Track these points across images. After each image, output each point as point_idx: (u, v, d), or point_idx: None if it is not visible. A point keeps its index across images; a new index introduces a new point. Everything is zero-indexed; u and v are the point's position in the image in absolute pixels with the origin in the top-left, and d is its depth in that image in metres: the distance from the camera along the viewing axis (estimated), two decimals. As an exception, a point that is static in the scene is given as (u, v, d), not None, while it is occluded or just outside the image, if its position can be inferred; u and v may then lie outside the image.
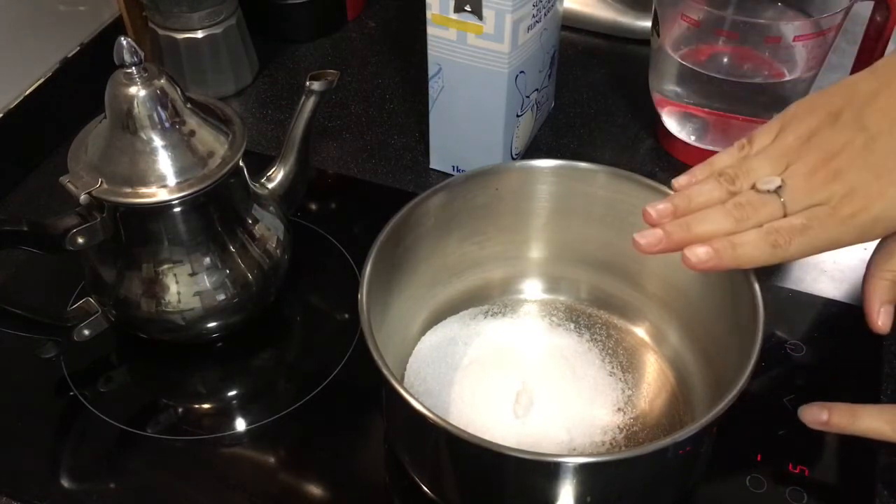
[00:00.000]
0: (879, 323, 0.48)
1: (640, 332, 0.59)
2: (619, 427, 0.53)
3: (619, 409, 0.54)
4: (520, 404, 0.53)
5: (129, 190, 0.52)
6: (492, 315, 0.60)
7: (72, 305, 0.59)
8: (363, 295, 0.47)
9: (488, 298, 0.61)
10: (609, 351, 0.58)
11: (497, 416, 0.53)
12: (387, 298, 0.52)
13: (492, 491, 0.48)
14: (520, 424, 0.53)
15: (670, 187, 0.51)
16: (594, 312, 0.60)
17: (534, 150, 0.76)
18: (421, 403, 0.43)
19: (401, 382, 0.44)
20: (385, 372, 0.44)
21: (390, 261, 0.52)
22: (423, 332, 0.58)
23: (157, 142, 0.53)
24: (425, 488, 0.51)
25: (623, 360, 0.57)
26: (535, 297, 0.61)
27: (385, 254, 0.51)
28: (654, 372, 0.57)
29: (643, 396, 0.55)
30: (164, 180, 0.53)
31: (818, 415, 0.50)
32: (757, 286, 0.47)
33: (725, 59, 0.69)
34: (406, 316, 0.56)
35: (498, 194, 0.56)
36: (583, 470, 0.44)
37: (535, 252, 0.60)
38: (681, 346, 0.56)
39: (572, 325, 0.59)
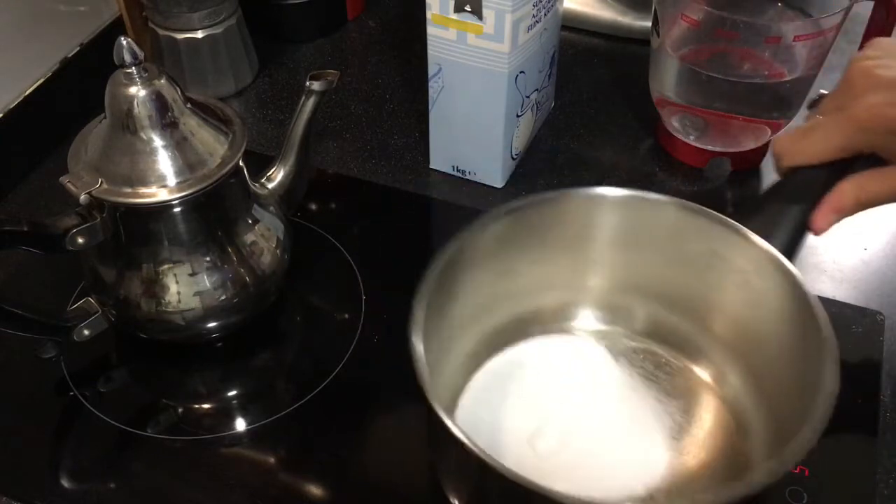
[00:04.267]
0: (817, 223, 0.52)
1: (700, 370, 0.56)
2: (670, 471, 0.51)
3: (671, 448, 0.52)
4: (541, 445, 0.52)
5: (129, 190, 0.52)
6: (545, 346, 0.58)
7: (72, 305, 0.59)
8: (416, 326, 0.46)
9: (542, 326, 0.58)
10: (664, 389, 0.55)
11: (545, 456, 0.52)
12: (437, 327, 0.50)
13: None
14: (571, 467, 0.51)
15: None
16: (651, 347, 0.58)
17: (534, 150, 0.77)
18: (473, 443, 0.41)
19: (452, 418, 0.43)
20: (436, 407, 0.42)
21: (439, 291, 0.50)
22: (474, 363, 0.56)
23: (157, 142, 0.53)
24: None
25: (679, 400, 0.55)
26: (591, 328, 0.59)
27: (435, 286, 0.49)
28: (710, 415, 0.55)
29: (695, 439, 0.53)
30: (164, 180, 0.53)
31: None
32: (832, 336, 0.46)
33: (725, 59, 0.69)
34: (455, 347, 0.54)
35: (558, 221, 0.54)
36: None
37: (594, 281, 0.58)
38: (742, 391, 0.54)
39: (627, 360, 0.57)
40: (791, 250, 0.52)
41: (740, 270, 0.52)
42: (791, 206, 0.53)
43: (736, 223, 0.52)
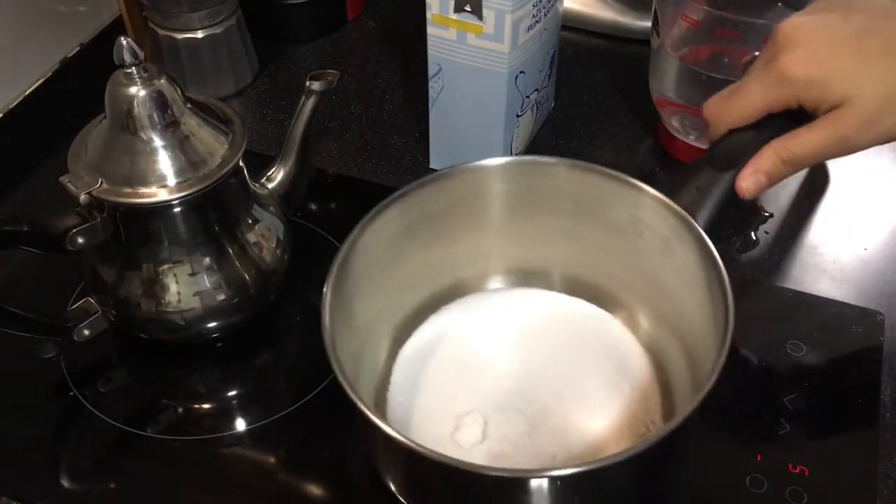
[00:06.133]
0: (743, 184, 0.51)
1: (617, 319, 0.57)
2: (599, 430, 0.52)
3: (599, 410, 0.53)
4: (467, 434, 0.52)
5: (129, 190, 0.52)
6: (466, 313, 0.59)
7: (72, 305, 0.59)
8: (325, 320, 0.47)
9: (462, 297, 0.60)
10: (588, 343, 0.56)
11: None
12: (352, 314, 0.51)
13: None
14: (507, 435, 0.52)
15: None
16: (569, 303, 0.59)
17: (534, 150, 0.76)
18: (380, 419, 0.43)
19: (358, 394, 0.44)
20: (349, 391, 0.44)
21: (348, 278, 0.51)
22: (402, 337, 0.57)
23: (157, 142, 0.53)
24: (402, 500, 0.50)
25: (600, 351, 0.55)
26: (509, 291, 0.60)
27: (345, 272, 0.50)
28: (633, 363, 0.55)
29: (619, 388, 0.53)
30: (164, 180, 0.53)
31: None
32: (725, 275, 0.47)
33: (725, 59, 0.69)
34: (378, 326, 0.55)
35: (456, 196, 0.55)
36: (551, 482, 0.43)
37: (502, 248, 0.59)
38: (657, 334, 0.55)
39: (549, 318, 0.58)
40: (719, 217, 0.52)
41: (662, 237, 0.52)
42: (721, 174, 0.52)
43: (625, 175, 0.53)
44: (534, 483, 0.43)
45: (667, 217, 0.51)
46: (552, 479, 0.43)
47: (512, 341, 0.57)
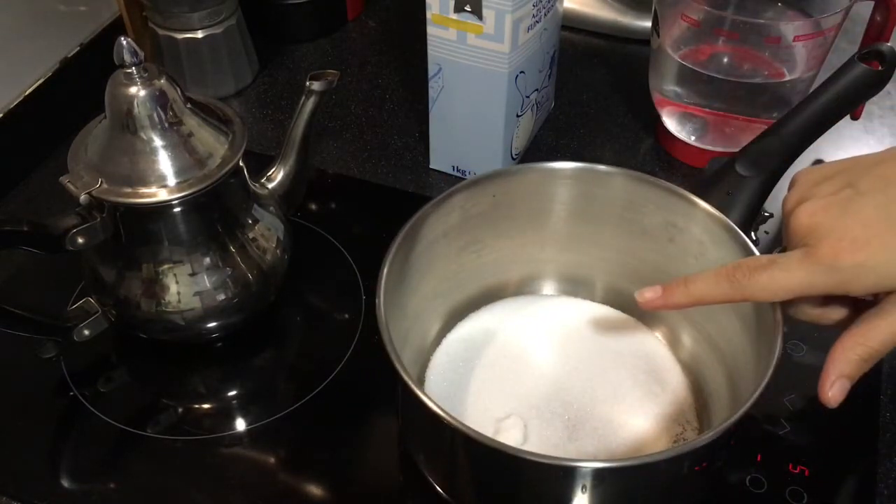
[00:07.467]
0: (829, 394, 0.46)
1: (657, 334, 0.58)
2: (637, 432, 0.52)
3: (637, 413, 0.53)
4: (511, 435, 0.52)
5: (129, 190, 0.52)
6: (509, 315, 0.59)
7: (72, 305, 0.59)
8: (380, 298, 0.47)
9: (505, 299, 0.60)
10: (626, 353, 0.57)
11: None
12: (402, 301, 0.52)
13: (507, 493, 0.47)
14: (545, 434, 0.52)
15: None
16: (610, 314, 0.59)
17: (534, 150, 0.77)
18: (436, 404, 0.43)
19: (415, 381, 0.44)
20: (400, 370, 0.44)
21: (404, 263, 0.51)
22: (443, 331, 0.58)
23: (157, 142, 0.53)
24: (438, 488, 0.50)
25: (640, 363, 0.56)
26: (552, 298, 0.61)
27: (400, 256, 0.50)
28: (669, 375, 0.56)
29: (654, 393, 0.54)
30: (164, 180, 0.53)
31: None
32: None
33: (725, 59, 0.69)
34: (422, 316, 0.56)
35: (513, 197, 0.55)
36: (598, 475, 0.44)
37: (551, 254, 0.59)
38: (697, 353, 0.55)
39: (589, 326, 0.58)
40: (748, 223, 0.53)
41: (698, 241, 0.53)
42: (748, 180, 0.53)
43: (681, 189, 0.53)
44: (590, 473, 0.44)
45: (704, 221, 0.52)
46: (614, 471, 0.44)
47: (550, 347, 0.57)
